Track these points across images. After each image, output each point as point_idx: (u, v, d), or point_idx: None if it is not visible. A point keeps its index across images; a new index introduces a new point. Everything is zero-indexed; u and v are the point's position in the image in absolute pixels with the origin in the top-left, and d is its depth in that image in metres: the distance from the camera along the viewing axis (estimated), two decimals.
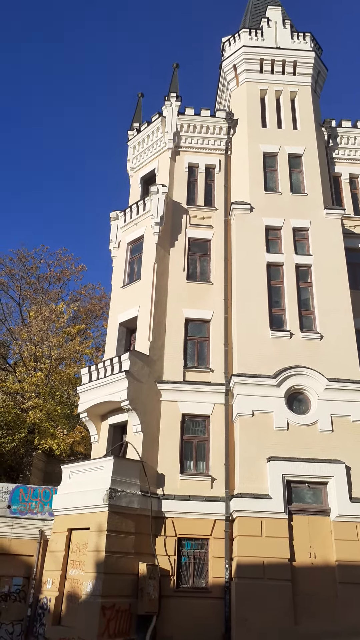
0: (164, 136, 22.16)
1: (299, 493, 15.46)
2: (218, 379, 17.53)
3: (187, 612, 14.23)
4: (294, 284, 18.62)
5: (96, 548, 13.70)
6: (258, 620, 13.46)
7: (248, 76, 22.62)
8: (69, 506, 15.13)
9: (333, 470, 15.37)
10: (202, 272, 19.82)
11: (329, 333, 17.66)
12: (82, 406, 17.66)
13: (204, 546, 15.34)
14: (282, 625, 13.44)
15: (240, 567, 14.23)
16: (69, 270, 31.94)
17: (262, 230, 19.45)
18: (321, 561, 14.55)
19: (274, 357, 17.10)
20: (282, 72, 22.75)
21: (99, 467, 15.10)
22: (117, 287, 20.42)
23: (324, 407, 16.36)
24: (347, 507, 14.96)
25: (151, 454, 16.15)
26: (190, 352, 18.32)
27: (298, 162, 21.18)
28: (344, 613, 13.78)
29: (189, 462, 16.60)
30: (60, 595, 14.41)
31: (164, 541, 15.10)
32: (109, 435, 17.60)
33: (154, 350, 17.66)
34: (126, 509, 14.39)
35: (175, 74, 23.84)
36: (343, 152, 22.76)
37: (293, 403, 16.65)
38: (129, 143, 23.91)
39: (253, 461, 15.50)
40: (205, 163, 21.81)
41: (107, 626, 12.85)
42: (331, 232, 19.56)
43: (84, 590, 13.48)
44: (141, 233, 20.25)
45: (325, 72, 23.92)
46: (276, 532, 14.57)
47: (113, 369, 16.93)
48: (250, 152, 20.98)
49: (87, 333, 31.16)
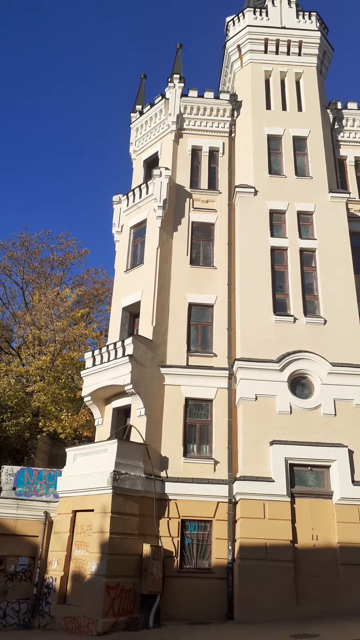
0: (167, 118, 21.91)
1: (301, 476, 15.58)
2: (221, 364, 17.58)
3: (191, 592, 14.47)
4: (298, 268, 18.56)
5: (100, 529, 13.89)
6: (260, 600, 13.68)
7: (252, 57, 22.27)
8: (73, 488, 15.30)
9: (336, 454, 15.47)
10: (206, 257, 19.74)
11: (332, 318, 17.63)
12: (86, 390, 17.77)
13: (207, 528, 15.53)
14: (284, 605, 13.65)
15: (243, 548, 14.43)
16: (72, 254, 31.88)
17: (266, 214, 19.31)
18: (323, 543, 14.73)
19: (277, 341, 17.11)
20: (287, 52, 22.38)
21: (103, 450, 15.24)
22: (120, 272, 20.38)
23: (327, 391, 16.41)
24: (350, 490, 15.09)
25: (155, 437, 16.28)
26: (194, 336, 18.34)
27: (303, 144, 20.94)
28: (345, 594, 13.99)
29: (192, 445, 16.72)
30: (66, 575, 14.65)
31: (167, 523, 15.29)
32: (112, 418, 17.73)
33: (157, 334, 17.69)
34: (130, 491, 14.55)
35: (178, 55, 23.49)
36: (349, 134, 22.47)
37: (296, 387, 16.70)
38: (131, 125, 23.66)
39: (256, 445, 15.61)
40: (209, 146, 21.58)
41: (111, 605, 13.09)
42: (336, 216, 19.42)
43: (88, 570, 13.70)
44: (144, 217, 20.14)
45: (331, 53, 23.51)
46: (279, 514, 14.73)
47: (117, 353, 16.99)
48: (255, 134, 20.75)
49: (91, 317, 31.19)
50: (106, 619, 12.81)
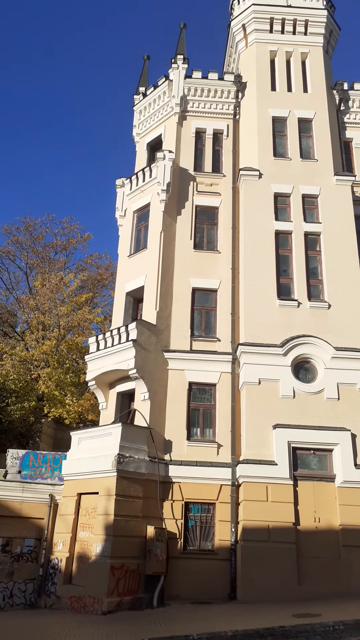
0: (170, 100, 21.64)
1: (304, 460, 15.67)
2: (225, 348, 17.59)
3: (194, 573, 14.67)
4: (303, 252, 18.44)
5: (105, 512, 14.06)
6: (263, 581, 13.86)
7: (257, 36, 21.87)
8: (78, 471, 15.46)
9: (339, 438, 15.53)
10: (210, 241, 19.63)
11: (336, 302, 17.56)
12: (90, 374, 17.86)
13: (211, 510, 15.69)
14: (286, 586, 13.84)
15: (246, 530, 14.58)
16: (75, 239, 31.83)
17: (270, 197, 19.14)
18: (325, 525, 14.87)
19: (281, 326, 17.09)
20: (293, 32, 21.96)
21: (107, 434, 15.36)
22: (124, 256, 20.31)
23: (330, 375, 16.41)
24: (352, 474, 15.18)
25: (158, 421, 16.37)
26: (197, 321, 18.33)
27: (308, 126, 20.66)
28: (347, 575, 14.16)
29: (195, 429, 16.83)
30: (71, 556, 14.88)
31: (171, 505, 15.46)
32: (117, 402, 17.84)
33: (161, 319, 17.69)
34: (134, 474, 14.70)
35: (182, 35, 23.11)
36: (355, 116, 22.11)
37: (299, 372, 16.71)
38: (134, 108, 23.39)
39: (259, 428, 15.69)
40: (212, 128, 21.32)
41: (116, 585, 13.31)
42: (341, 199, 19.23)
43: (93, 551, 13.90)
44: (147, 201, 20.00)
45: (337, 32, 23.05)
46: (281, 497, 14.86)
47: (120, 338, 17.03)
48: (259, 116, 20.47)
49: (95, 302, 31.23)
50: (111, 599, 13.04)
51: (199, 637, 9.76)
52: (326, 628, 10.01)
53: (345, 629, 9.96)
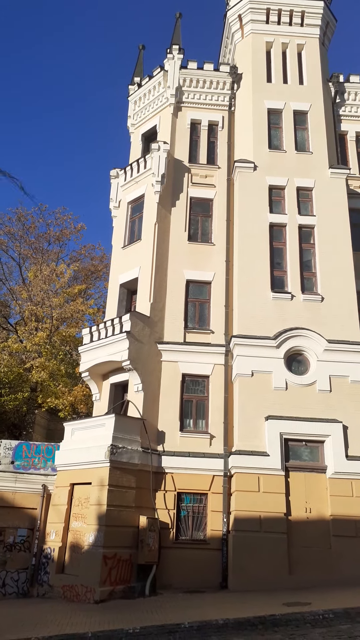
0: (165, 91, 21.50)
1: (296, 451, 15.80)
2: (218, 340, 17.64)
3: (186, 562, 14.80)
4: (297, 245, 18.47)
5: (98, 502, 14.13)
6: (254, 570, 14.01)
7: (254, 27, 21.73)
8: (71, 462, 15.51)
9: (330, 429, 15.66)
10: (204, 233, 19.61)
11: (330, 295, 17.63)
12: (83, 366, 17.86)
13: (203, 501, 15.81)
14: (277, 575, 13.99)
15: (237, 520, 14.71)
16: (69, 230, 31.62)
17: (265, 189, 19.12)
18: (316, 516, 15.02)
19: (274, 318, 17.15)
20: (289, 23, 21.84)
21: (100, 425, 15.40)
22: (118, 248, 20.26)
23: (322, 368, 16.52)
24: (343, 465, 15.32)
25: (152, 412, 16.43)
26: (191, 313, 18.36)
27: (303, 119, 20.61)
28: (337, 564, 14.33)
29: (188, 420, 16.90)
30: (64, 545, 14.96)
31: (163, 496, 15.56)
32: (110, 393, 17.87)
33: (154, 311, 17.69)
34: (127, 464, 14.77)
35: (177, 25, 22.92)
36: (350, 109, 22.09)
37: (292, 364, 16.80)
38: (129, 98, 23.23)
39: (251, 420, 15.78)
40: (208, 119, 21.23)
41: (108, 574, 13.41)
42: (335, 193, 19.24)
43: (86, 541, 13.98)
44: (142, 192, 19.93)
45: (334, 23, 22.93)
46: (273, 487, 14.99)
47: (114, 330, 17.04)
48: (255, 108, 20.40)
49: (88, 293, 31.14)
50: (103, 588, 13.13)
51: (190, 625, 9.86)
52: (316, 616, 10.14)
53: (334, 617, 10.10)
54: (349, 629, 9.40)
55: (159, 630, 9.72)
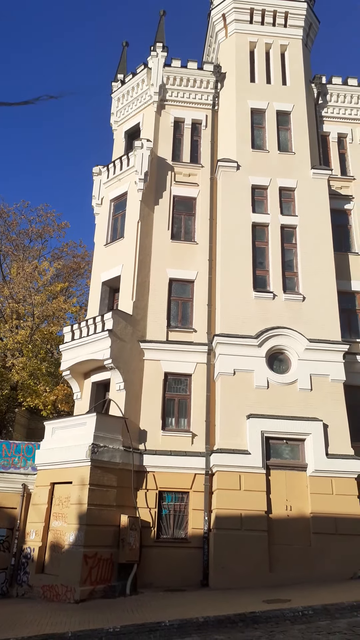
0: (149, 89, 21.43)
1: (277, 449, 15.90)
2: (201, 339, 17.66)
3: (167, 561, 14.80)
4: (279, 245, 18.58)
5: (79, 501, 14.04)
6: (235, 568, 14.07)
7: (237, 27, 21.78)
8: (52, 461, 15.38)
9: (311, 428, 15.80)
10: (187, 232, 19.61)
11: (311, 294, 17.79)
12: (64, 364, 17.72)
13: (184, 499, 15.82)
14: (258, 573, 14.07)
15: (219, 518, 14.75)
16: (51, 227, 31.32)
17: (248, 189, 19.19)
18: (297, 513, 15.14)
19: (256, 317, 17.23)
20: (273, 23, 21.94)
21: (81, 424, 15.30)
22: (100, 245, 20.13)
23: (303, 366, 16.65)
24: (323, 463, 15.47)
25: (134, 411, 16.38)
26: (174, 312, 18.35)
27: (286, 119, 20.74)
28: (317, 561, 14.47)
29: (170, 418, 16.90)
30: (44, 545, 14.84)
31: (145, 494, 15.53)
32: (92, 392, 17.76)
33: (137, 309, 17.64)
34: (108, 463, 14.70)
35: (161, 22, 22.86)
36: (332, 110, 22.29)
37: (274, 363, 16.90)
38: (112, 95, 23.09)
39: (233, 418, 15.84)
40: (191, 118, 21.23)
41: (89, 573, 13.34)
42: (317, 193, 19.40)
43: (66, 540, 13.89)
44: (125, 189, 19.84)
45: (317, 25, 23.11)
46: (254, 486, 15.06)
47: (96, 328, 16.93)
48: (238, 107, 20.46)
49: (70, 291, 30.89)
50: (84, 587, 13.06)
51: (170, 623, 9.86)
52: (295, 613, 10.22)
53: (314, 613, 10.18)
54: (328, 625, 9.49)
55: (140, 629, 9.70)
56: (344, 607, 10.39)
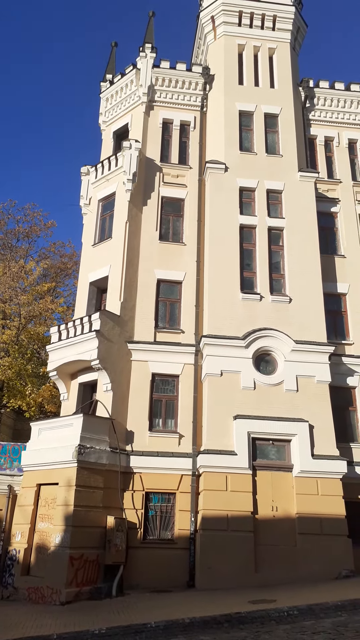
0: (138, 89, 21.43)
1: (263, 450, 15.99)
2: (188, 340, 17.70)
3: (153, 562, 14.79)
4: (266, 247, 18.68)
5: (65, 502, 13.98)
6: (221, 569, 14.11)
7: (226, 29, 21.88)
8: (38, 462, 15.29)
9: (297, 429, 15.91)
10: (175, 233, 19.64)
11: (297, 296, 17.92)
12: (51, 365, 17.63)
13: (171, 500, 15.83)
14: (244, 573, 14.13)
15: (205, 519, 14.79)
16: (38, 227, 31.15)
17: (236, 191, 19.28)
18: (282, 514, 15.24)
19: (243, 319, 17.31)
20: (261, 26, 22.07)
21: (68, 424, 15.23)
22: (88, 245, 20.07)
23: (290, 368, 16.77)
24: (309, 464, 15.59)
25: (121, 412, 16.36)
26: (162, 313, 18.36)
27: (274, 122, 20.87)
28: (302, 562, 14.57)
29: (158, 419, 16.90)
30: (29, 547, 14.74)
31: (131, 495, 15.52)
32: (78, 393, 17.69)
33: (125, 310, 17.62)
34: (95, 464, 14.66)
35: (150, 23, 22.87)
36: (319, 113, 22.48)
37: (260, 364, 17.00)
38: (101, 95, 23.04)
39: (220, 419, 15.90)
40: (180, 119, 21.27)
41: (75, 575, 13.28)
42: (304, 196, 19.55)
43: (52, 542, 13.82)
44: (113, 190, 19.80)
45: (305, 29, 23.31)
46: (240, 486, 15.13)
47: (83, 329, 16.88)
48: (226, 109, 20.54)
49: (58, 292, 30.73)
50: (69, 589, 13.01)
51: (156, 624, 9.87)
52: (281, 613, 10.28)
53: (299, 614, 10.25)
54: (313, 624, 9.56)
55: (125, 631, 9.69)
56: (328, 607, 10.48)
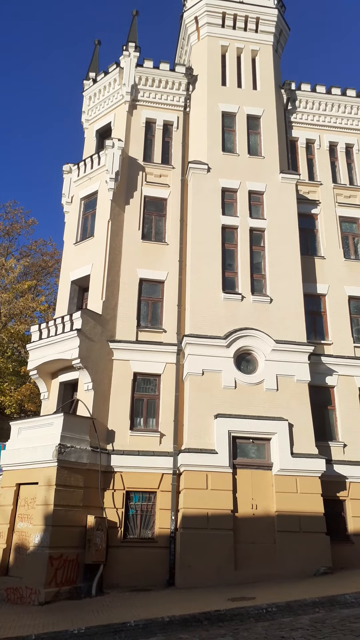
0: (121, 88, 21.39)
1: (243, 448, 16.11)
2: (170, 339, 17.73)
3: (133, 561, 14.80)
4: (248, 247, 18.81)
5: (45, 502, 13.90)
6: (201, 567, 14.17)
7: (209, 30, 21.97)
8: (17, 461, 15.17)
9: (276, 427, 16.07)
10: (158, 232, 19.65)
11: (278, 297, 18.09)
12: (32, 364, 17.50)
13: (151, 499, 15.86)
14: (223, 571, 14.22)
15: (185, 518, 14.84)
16: (19, 224, 30.91)
17: (218, 191, 19.37)
18: (262, 512, 15.38)
19: (225, 319, 17.41)
20: (245, 28, 22.21)
21: (48, 424, 15.14)
22: (70, 244, 19.96)
23: (270, 367, 16.93)
24: (289, 462, 15.76)
25: (102, 411, 16.32)
26: (144, 312, 18.36)
27: (256, 123, 21.03)
28: (281, 558, 14.73)
29: (139, 418, 16.90)
30: (8, 547, 14.61)
31: (112, 494, 15.50)
32: (59, 392, 17.59)
33: (107, 309, 17.58)
34: (75, 464, 14.60)
35: (134, 23, 22.83)
36: (301, 116, 22.71)
37: (241, 363, 17.12)
38: (84, 93, 22.93)
39: (201, 418, 15.97)
40: (163, 119, 21.29)
41: (54, 575, 13.21)
42: (285, 197, 19.74)
43: (32, 542, 13.72)
44: (95, 188, 19.73)
45: (287, 32, 23.53)
46: (221, 485, 15.22)
47: (64, 328, 16.79)
48: (209, 110, 20.63)
49: (39, 290, 30.51)
50: (48, 589, 12.93)
51: (136, 623, 9.87)
52: (259, 610, 10.37)
53: (277, 610, 10.36)
54: (291, 621, 9.67)
55: (105, 630, 9.67)
56: (306, 603, 10.62)
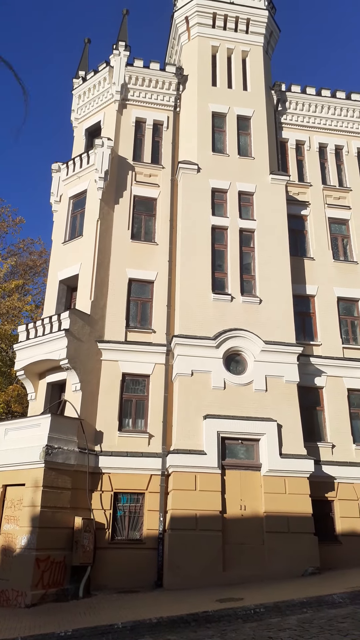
0: (111, 87, 21.29)
1: (232, 449, 16.09)
2: (159, 340, 17.66)
3: (121, 562, 14.71)
4: (237, 248, 18.82)
5: (32, 503, 13.76)
6: (189, 568, 14.13)
7: (200, 30, 21.96)
8: (4, 463, 15.00)
9: (265, 428, 16.08)
10: (147, 232, 19.58)
11: (267, 297, 18.11)
12: (19, 364, 17.34)
13: (140, 500, 15.77)
14: (212, 572, 14.17)
15: (174, 519, 14.78)
16: (6, 223, 30.64)
17: (208, 192, 19.35)
18: (250, 513, 15.37)
19: (214, 319, 17.39)
20: (235, 29, 22.24)
21: (35, 425, 14.99)
22: (58, 243, 19.82)
23: (259, 368, 16.93)
24: (277, 463, 15.77)
25: (90, 412, 16.21)
26: (133, 312, 18.27)
27: (246, 124, 21.05)
28: (269, 559, 14.73)
29: (127, 419, 16.81)
30: None
31: (100, 496, 15.39)
32: (47, 393, 17.45)
33: (95, 309, 17.46)
34: (63, 465, 14.48)
35: (124, 21, 22.76)
36: (291, 117, 22.79)
37: (230, 364, 17.11)
38: (73, 92, 22.80)
39: (190, 419, 15.93)
40: (153, 119, 21.22)
41: (41, 577, 13.08)
42: (275, 198, 19.78)
43: (18, 544, 13.58)
44: (84, 187, 19.61)
45: (277, 33, 23.61)
46: (209, 486, 15.18)
47: (52, 327, 16.65)
48: (200, 111, 20.61)
49: (26, 289, 30.27)
50: (35, 591, 12.80)
51: (123, 625, 9.80)
52: (247, 611, 10.34)
53: (265, 611, 10.33)
54: (279, 622, 9.65)
55: (92, 632, 9.59)
56: (294, 604, 10.61)
